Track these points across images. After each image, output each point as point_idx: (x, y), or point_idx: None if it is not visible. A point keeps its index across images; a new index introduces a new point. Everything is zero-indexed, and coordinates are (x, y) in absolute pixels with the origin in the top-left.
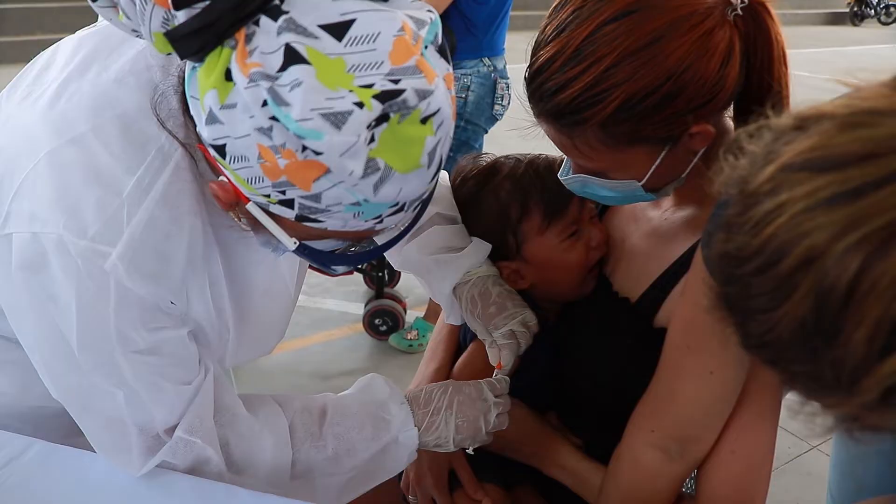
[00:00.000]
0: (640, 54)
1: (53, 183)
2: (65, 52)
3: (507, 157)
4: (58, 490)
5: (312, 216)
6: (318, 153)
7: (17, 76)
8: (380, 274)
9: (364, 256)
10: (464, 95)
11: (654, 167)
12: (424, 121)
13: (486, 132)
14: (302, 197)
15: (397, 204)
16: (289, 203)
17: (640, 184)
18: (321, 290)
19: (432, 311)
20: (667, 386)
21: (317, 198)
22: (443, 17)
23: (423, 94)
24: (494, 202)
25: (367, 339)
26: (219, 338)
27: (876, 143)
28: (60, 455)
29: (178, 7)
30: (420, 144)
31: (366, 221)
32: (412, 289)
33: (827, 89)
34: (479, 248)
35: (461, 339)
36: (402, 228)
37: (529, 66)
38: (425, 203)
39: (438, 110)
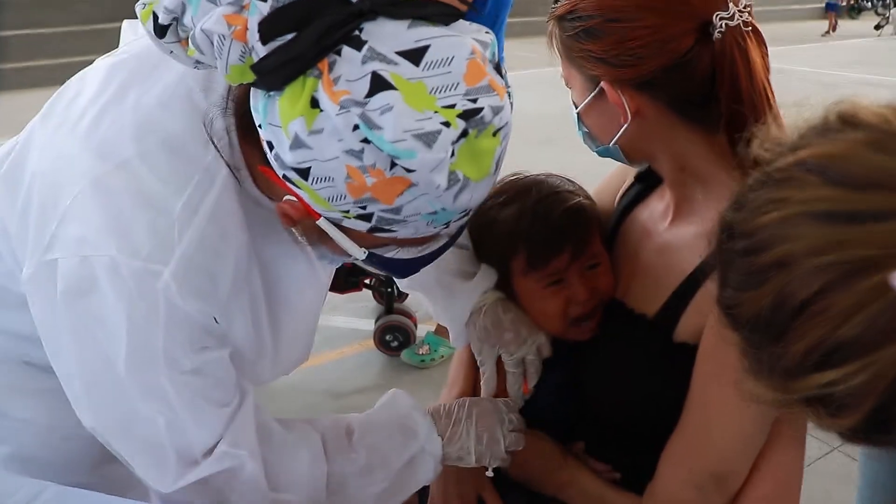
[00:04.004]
0: None
1: (102, 208)
2: (94, 80)
3: (527, 184)
4: None
5: (387, 227)
6: (409, 170)
7: (48, 104)
8: (389, 289)
9: (430, 258)
10: None
11: (586, 102)
12: (495, 133)
13: None
14: (382, 210)
15: (466, 211)
16: (367, 216)
17: (578, 110)
18: (330, 307)
19: (443, 326)
20: (702, 422)
21: (397, 210)
22: None
23: (496, 110)
24: (497, 230)
25: (378, 356)
26: (257, 355)
27: (888, 175)
28: (73, 498)
29: (265, 42)
30: (491, 154)
31: (435, 228)
32: (422, 303)
33: (825, 83)
34: (488, 274)
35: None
36: (454, 230)
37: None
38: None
39: (507, 123)
